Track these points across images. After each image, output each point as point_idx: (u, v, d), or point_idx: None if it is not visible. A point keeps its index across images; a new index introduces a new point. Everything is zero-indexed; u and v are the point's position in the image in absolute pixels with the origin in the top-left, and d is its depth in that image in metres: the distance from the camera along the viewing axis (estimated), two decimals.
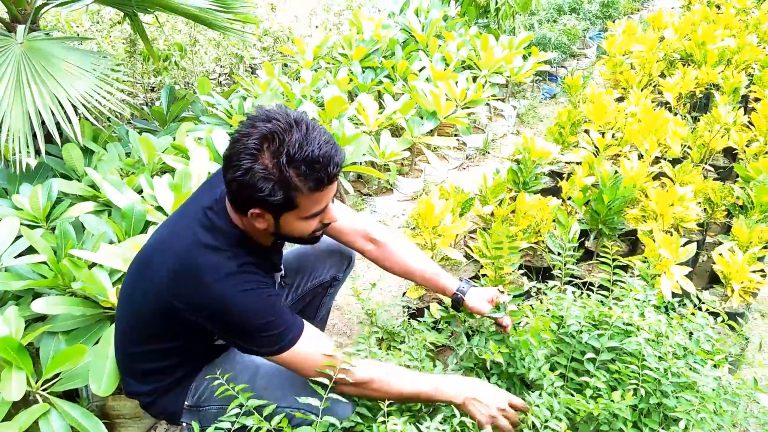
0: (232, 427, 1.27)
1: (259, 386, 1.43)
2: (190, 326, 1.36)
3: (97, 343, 1.74)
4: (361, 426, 1.49)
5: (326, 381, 1.33)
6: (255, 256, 1.39)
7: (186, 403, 1.53)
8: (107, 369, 1.65)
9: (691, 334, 1.61)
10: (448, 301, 1.98)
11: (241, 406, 1.32)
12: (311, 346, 1.37)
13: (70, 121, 2.40)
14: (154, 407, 1.56)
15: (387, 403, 1.37)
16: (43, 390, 1.67)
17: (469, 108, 3.91)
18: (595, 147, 3.15)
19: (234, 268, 1.32)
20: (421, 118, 3.60)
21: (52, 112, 2.37)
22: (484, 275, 2.29)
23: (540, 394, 1.44)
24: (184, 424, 1.56)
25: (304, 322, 1.40)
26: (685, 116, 3.87)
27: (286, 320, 1.35)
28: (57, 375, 1.70)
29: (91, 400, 1.90)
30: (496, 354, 1.54)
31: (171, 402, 1.54)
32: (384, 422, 1.35)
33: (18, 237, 2.06)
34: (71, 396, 1.86)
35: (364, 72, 4.18)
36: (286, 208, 1.28)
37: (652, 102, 3.80)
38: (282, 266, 1.65)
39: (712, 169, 3.35)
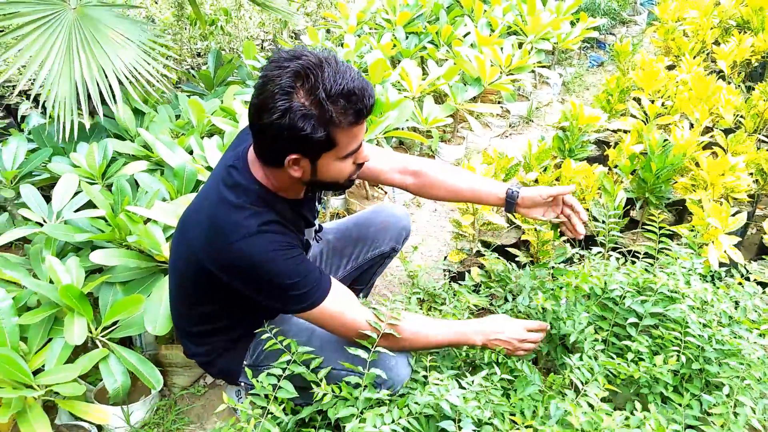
0: (283, 373, 1.33)
1: (315, 347, 1.45)
2: (227, 288, 1.36)
3: (150, 294, 1.82)
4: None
5: (374, 335, 1.37)
6: (280, 212, 1.36)
7: (245, 362, 1.57)
8: (161, 312, 1.74)
9: (737, 303, 1.59)
10: (488, 267, 2.00)
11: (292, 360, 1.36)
12: (338, 304, 1.38)
13: (113, 93, 2.44)
14: (212, 367, 1.60)
15: (429, 359, 1.40)
16: (103, 336, 1.77)
17: (513, 75, 3.85)
18: (645, 114, 3.07)
19: (254, 229, 1.29)
20: (465, 84, 3.56)
21: (97, 82, 2.41)
22: (525, 241, 2.30)
23: (580, 357, 1.45)
24: (242, 384, 1.60)
25: (332, 279, 1.40)
26: (739, 85, 3.73)
27: (311, 279, 1.34)
28: (115, 323, 1.79)
29: (145, 349, 2.00)
30: (543, 301, 1.56)
31: (229, 362, 1.57)
32: (425, 377, 1.39)
33: (76, 193, 2.16)
34: (126, 345, 1.96)
35: (407, 37, 4.15)
36: (326, 147, 1.25)
37: (705, 70, 3.66)
38: (317, 221, 1.63)
39: (766, 139, 3.23)
